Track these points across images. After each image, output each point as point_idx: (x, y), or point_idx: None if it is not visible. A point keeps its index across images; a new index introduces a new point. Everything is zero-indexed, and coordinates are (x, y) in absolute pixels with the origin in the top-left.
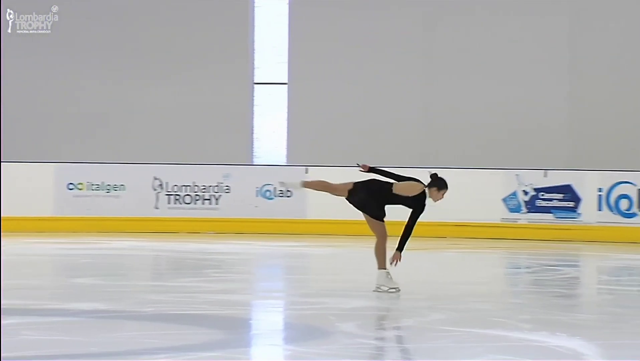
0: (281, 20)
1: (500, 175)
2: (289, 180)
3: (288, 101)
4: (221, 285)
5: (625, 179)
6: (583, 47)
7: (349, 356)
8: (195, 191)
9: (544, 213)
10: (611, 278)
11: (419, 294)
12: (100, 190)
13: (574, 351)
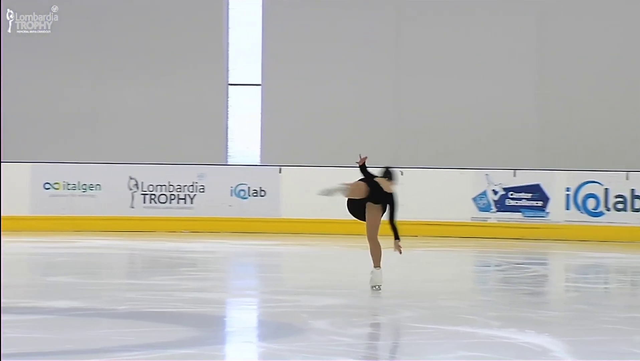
0: (254, 22)
1: (470, 175)
2: (330, 187)
3: (262, 102)
4: (195, 283)
5: (593, 179)
6: (551, 50)
7: (321, 353)
8: (170, 191)
9: (513, 212)
10: (578, 276)
11: (390, 292)
12: (76, 190)
13: (542, 348)
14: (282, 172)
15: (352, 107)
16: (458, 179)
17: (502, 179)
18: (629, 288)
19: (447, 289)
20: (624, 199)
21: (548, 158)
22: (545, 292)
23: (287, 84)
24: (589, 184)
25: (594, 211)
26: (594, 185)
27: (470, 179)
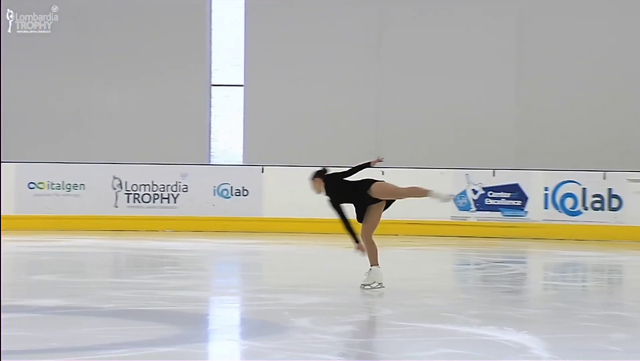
0: (237, 24)
1: (450, 175)
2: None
3: (244, 103)
4: (179, 282)
5: (570, 179)
6: (530, 52)
7: (303, 351)
8: (153, 190)
9: (492, 211)
10: (556, 274)
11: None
12: (60, 189)
13: (521, 345)
14: (265, 172)
15: (334, 107)
16: (438, 178)
17: (482, 179)
18: (607, 286)
19: (428, 288)
20: (602, 199)
21: (527, 158)
22: (524, 290)
23: (270, 84)
24: (566, 184)
25: (572, 210)
26: (572, 185)
27: (450, 178)
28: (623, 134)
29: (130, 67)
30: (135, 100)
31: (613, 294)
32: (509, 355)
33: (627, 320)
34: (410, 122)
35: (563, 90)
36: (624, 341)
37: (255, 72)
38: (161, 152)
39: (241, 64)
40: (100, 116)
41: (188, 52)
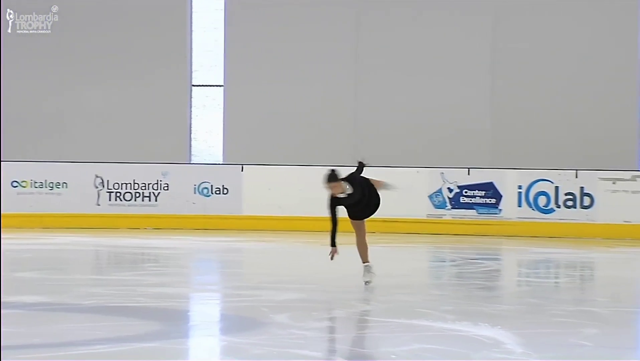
0: (217, 26)
1: (426, 173)
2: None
3: (224, 103)
4: (159, 279)
5: (543, 177)
6: (503, 54)
7: (281, 346)
8: (135, 189)
9: (467, 209)
10: (530, 271)
11: (348, 286)
12: (43, 188)
13: (494, 340)
14: (244, 170)
15: (312, 107)
16: (414, 177)
17: (457, 178)
18: (578, 283)
19: (404, 284)
20: (574, 197)
21: (501, 158)
22: (498, 286)
23: (249, 85)
24: (539, 182)
25: (545, 208)
26: (545, 183)
27: (426, 177)
28: (595, 135)
29: (112, 68)
30: (117, 100)
31: (585, 291)
32: (483, 350)
33: (598, 315)
34: (387, 122)
35: (537, 91)
36: (595, 336)
37: (234, 72)
38: (142, 152)
39: (221, 65)
40: (83, 116)
41: (169, 54)
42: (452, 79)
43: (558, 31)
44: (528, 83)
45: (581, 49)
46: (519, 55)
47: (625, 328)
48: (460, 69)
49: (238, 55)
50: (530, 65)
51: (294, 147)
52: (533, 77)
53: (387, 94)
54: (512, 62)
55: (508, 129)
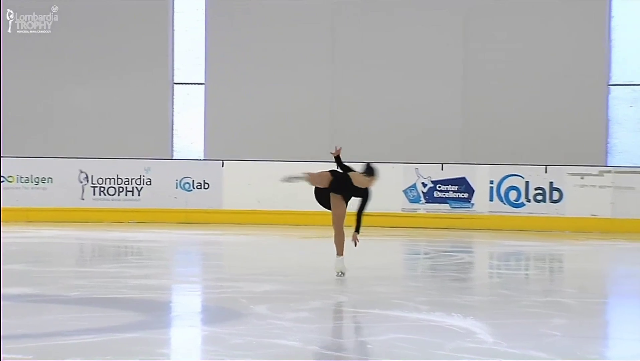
0: (198, 25)
1: (400, 169)
2: (292, 174)
3: (205, 100)
4: (141, 271)
5: (514, 173)
6: (475, 52)
7: (260, 336)
8: (118, 184)
9: (440, 203)
10: (501, 263)
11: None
12: (29, 183)
13: (466, 330)
14: (225, 166)
15: (290, 105)
16: (389, 172)
17: (431, 173)
18: (548, 274)
19: (379, 276)
20: (543, 191)
21: (473, 153)
22: (470, 278)
23: (229, 83)
24: (510, 178)
25: (516, 203)
26: (516, 178)
27: (401, 172)
28: (563, 132)
29: (96, 66)
30: (101, 98)
31: (553, 282)
32: (456, 340)
33: (567, 306)
34: (363, 119)
35: (507, 89)
36: (564, 326)
37: (215, 71)
38: (126, 148)
39: (202, 63)
40: (67, 113)
41: (151, 53)
42: (426, 78)
43: (527, 31)
44: (499, 81)
45: (550, 49)
46: (490, 54)
47: (592, 318)
48: (433, 68)
49: (218, 54)
50: (501, 64)
51: (272, 143)
52: (504, 76)
53: (363, 93)
54: (483, 61)
55: (480, 126)
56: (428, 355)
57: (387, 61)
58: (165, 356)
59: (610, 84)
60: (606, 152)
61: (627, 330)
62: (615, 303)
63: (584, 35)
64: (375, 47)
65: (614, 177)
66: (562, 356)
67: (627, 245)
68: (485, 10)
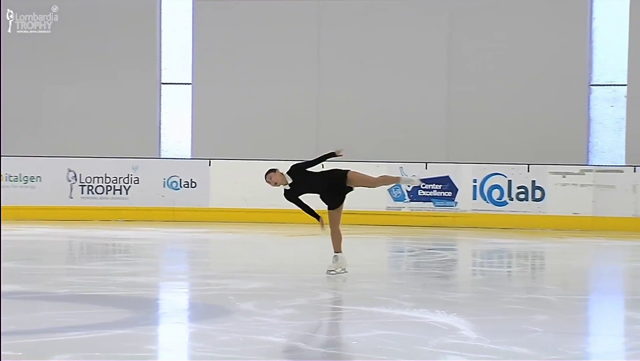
0: (185, 26)
1: (385, 168)
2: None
3: (192, 100)
4: (130, 268)
5: (497, 172)
6: (460, 53)
7: (247, 333)
8: (106, 182)
9: (424, 202)
10: (484, 260)
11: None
12: (18, 181)
13: (450, 326)
14: (212, 165)
15: (276, 104)
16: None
17: (415, 172)
18: (530, 272)
19: (364, 273)
20: (526, 190)
21: (457, 153)
22: (454, 275)
23: (216, 83)
24: (493, 176)
25: (499, 201)
26: (499, 177)
27: (386, 171)
28: (546, 131)
29: (85, 65)
30: (90, 97)
31: (535, 279)
32: (440, 336)
33: (548, 302)
34: (348, 118)
35: (491, 89)
36: (545, 322)
37: (202, 71)
38: (114, 146)
39: (189, 63)
40: (56, 112)
41: (140, 53)
42: (410, 78)
43: (511, 32)
44: (482, 82)
45: (533, 49)
46: (474, 55)
47: (574, 314)
48: (418, 68)
49: (206, 55)
50: (485, 64)
51: (259, 142)
52: (487, 76)
53: (348, 92)
54: (467, 62)
55: (464, 125)
56: (412, 351)
57: (373, 60)
58: (153, 352)
59: (591, 84)
60: (587, 151)
61: (608, 326)
62: (596, 299)
63: (566, 36)
64: (361, 47)
65: (595, 176)
66: (544, 352)
67: (608, 243)
68: (469, 11)
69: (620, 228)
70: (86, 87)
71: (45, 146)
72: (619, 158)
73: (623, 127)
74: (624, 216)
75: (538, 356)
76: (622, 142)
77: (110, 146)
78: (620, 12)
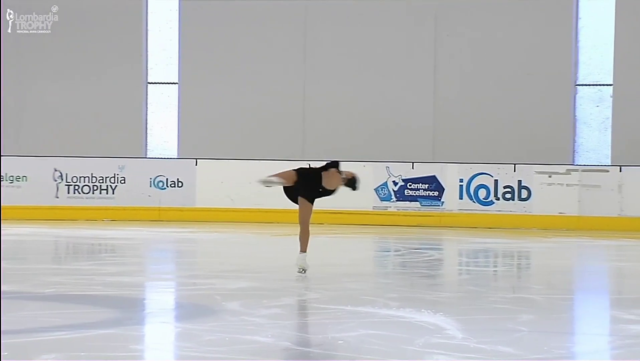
0: (172, 26)
1: (372, 167)
2: (267, 179)
3: (179, 99)
4: (116, 268)
5: (483, 171)
6: (445, 54)
7: (233, 332)
8: (92, 182)
9: (411, 201)
10: (470, 260)
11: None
12: (4, 181)
13: (436, 326)
14: (198, 164)
15: (262, 104)
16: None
17: (402, 171)
18: (515, 271)
19: (351, 273)
20: (512, 190)
21: (443, 152)
22: (440, 275)
23: (203, 82)
24: (480, 176)
25: (485, 201)
26: (485, 176)
27: (372, 171)
28: (532, 131)
29: (71, 65)
30: (76, 97)
31: (521, 279)
32: (426, 335)
33: (534, 302)
34: (335, 118)
35: (477, 89)
36: (531, 321)
37: (189, 70)
38: (100, 146)
39: (176, 63)
40: (42, 112)
41: (126, 53)
42: (396, 77)
43: (496, 31)
44: (468, 81)
45: (518, 49)
46: (460, 54)
47: (559, 313)
48: (404, 68)
49: (192, 54)
50: (471, 64)
51: (245, 142)
52: (473, 76)
53: (334, 92)
54: (453, 61)
55: (450, 125)
56: (398, 351)
57: (359, 60)
58: (139, 352)
59: (577, 84)
60: (573, 151)
61: (592, 325)
62: (581, 299)
63: (551, 36)
64: (347, 46)
65: (581, 175)
66: (529, 351)
67: (593, 242)
68: (455, 10)
69: (605, 227)
70: (71, 86)
71: (31, 145)
72: (604, 158)
73: (609, 127)
74: (610, 216)
75: (524, 356)
76: (608, 142)
77: (96, 146)
78: (606, 12)
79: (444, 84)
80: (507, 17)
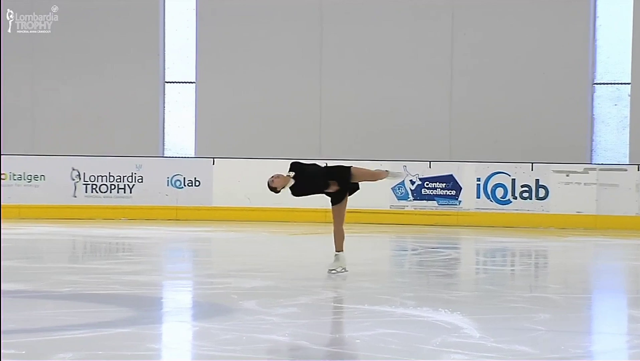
0: (189, 25)
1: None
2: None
3: (196, 99)
4: (133, 267)
5: (501, 170)
6: (462, 52)
7: (250, 331)
8: (110, 181)
9: (428, 200)
10: (487, 259)
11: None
12: (22, 180)
13: (453, 325)
14: (215, 163)
15: (279, 103)
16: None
17: (419, 170)
18: (533, 270)
19: (367, 272)
20: (529, 189)
21: (460, 151)
22: (457, 274)
23: (220, 82)
24: (497, 175)
25: (502, 200)
26: (502, 175)
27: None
28: (549, 129)
29: (89, 64)
30: (94, 96)
31: (539, 278)
32: (443, 335)
33: (551, 301)
34: (352, 117)
35: (494, 88)
36: (548, 321)
37: (206, 70)
38: (117, 145)
39: (193, 62)
40: (60, 111)
41: (143, 52)
42: (414, 75)
43: (514, 30)
44: (486, 80)
45: (536, 48)
46: (477, 54)
47: (576, 313)
48: (421, 66)
49: (209, 53)
50: (488, 63)
51: (262, 141)
52: (490, 75)
53: (351, 90)
54: (470, 60)
55: (467, 124)
56: (415, 350)
57: (375, 58)
58: (155, 351)
59: (594, 83)
60: (591, 150)
61: (610, 324)
62: (598, 298)
63: (569, 35)
64: (363, 44)
65: (599, 174)
66: (546, 350)
67: (611, 241)
68: (472, 8)
69: (623, 226)
70: (89, 86)
71: (48, 145)
72: (622, 157)
73: (626, 125)
74: (628, 215)
75: (541, 355)
76: (626, 140)
77: (114, 145)
78: (624, 10)
79: (460, 82)
80: (524, 16)
